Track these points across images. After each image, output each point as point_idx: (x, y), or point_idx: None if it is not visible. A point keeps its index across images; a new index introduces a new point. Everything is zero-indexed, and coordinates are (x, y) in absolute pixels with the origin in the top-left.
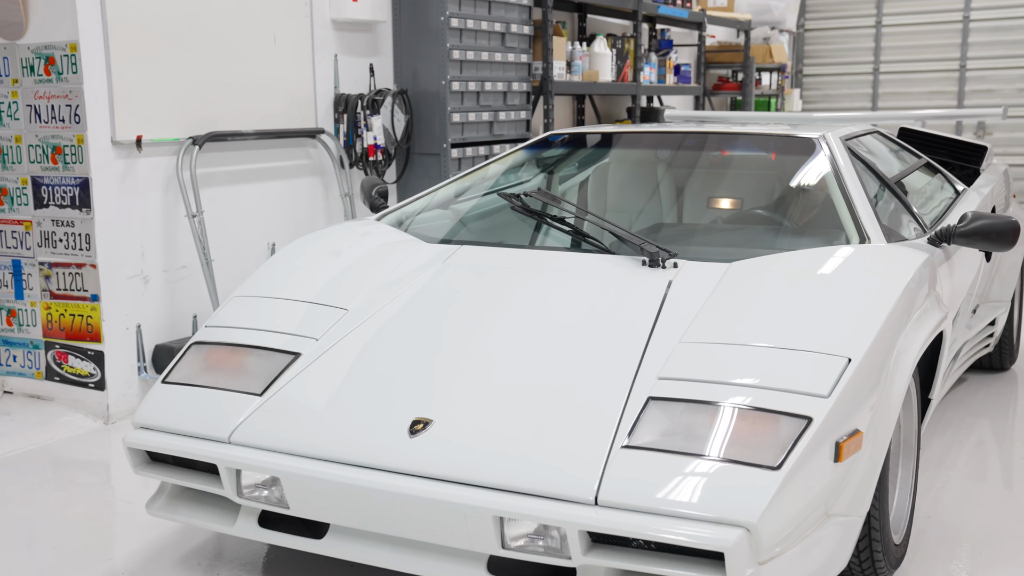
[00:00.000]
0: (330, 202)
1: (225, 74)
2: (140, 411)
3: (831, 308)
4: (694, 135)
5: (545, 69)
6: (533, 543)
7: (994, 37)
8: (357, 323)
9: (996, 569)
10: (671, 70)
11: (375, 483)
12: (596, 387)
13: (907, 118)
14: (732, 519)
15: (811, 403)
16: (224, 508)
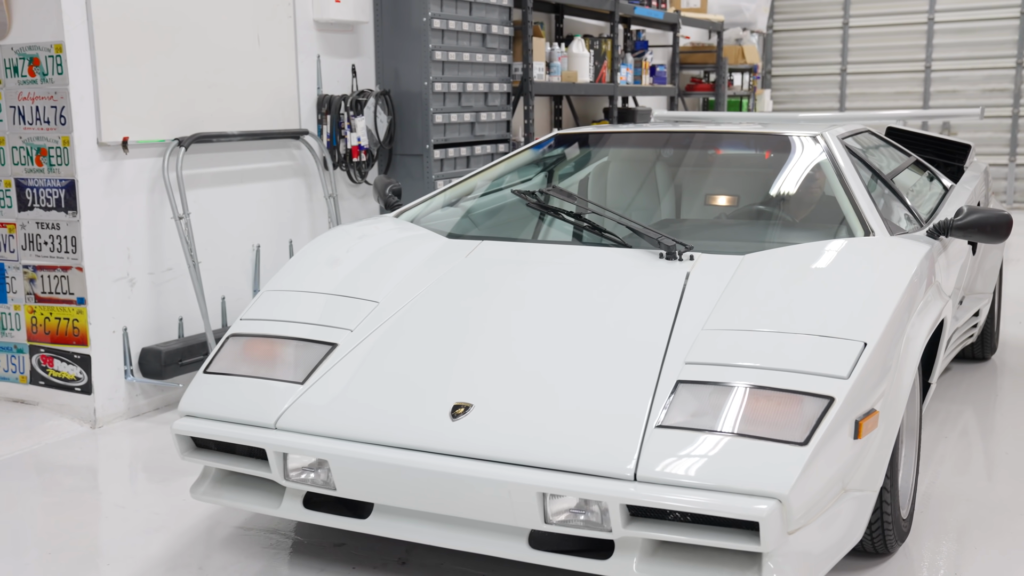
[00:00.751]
0: (313, 203)
1: (210, 75)
2: (185, 400)
3: (845, 296)
4: (697, 135)
5: (525, 70)
6: (574, 518)
7: (958, 39)
8: (389, 315)
9: (990, 543)
10: (647, 71)
11: (421, 464)
12: (626, 371)
13: (890, 118)
14: (765, 491)
15: (832, 384)
16: (268, 491)
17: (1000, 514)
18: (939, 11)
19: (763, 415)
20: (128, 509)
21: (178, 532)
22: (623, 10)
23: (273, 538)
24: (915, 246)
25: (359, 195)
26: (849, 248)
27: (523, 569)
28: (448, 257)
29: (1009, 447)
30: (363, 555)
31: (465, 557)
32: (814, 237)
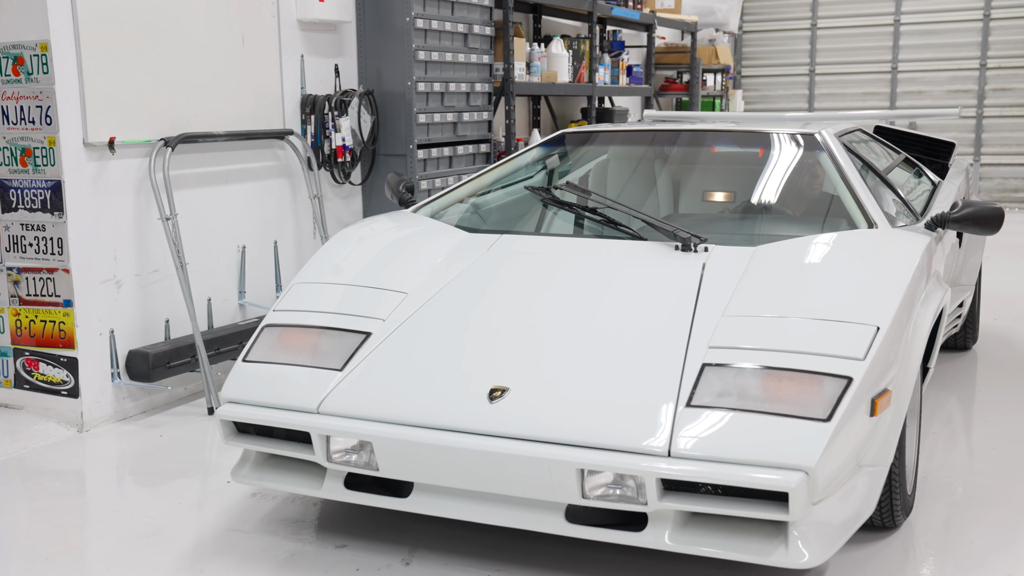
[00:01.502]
0: (298, 204)
1: (195, 75)
2: (226, 387)
3: (856, 284)
4: (699, 133)
5: (506, 70)
6: (610, 492)
7: (923, 40)
8: (418, 305)
9: (987, 517)
10: (624, 71)
11: (463, 444)
12: (653, 356)
13: (876, 118)
14: (793, 464)
15: (850, 365)
16: (309, 473)
17: (992, 492)
18: (905, 13)
19: (786, 394)
20: (123, 513)
21: (176, 536)
22: (601, 10)
23: (274, 541)
24: (917, 237)
25: (343, 195)
26: (856, 239)
27: (529, 568)
28: (470, 250)
29: (994, 430)
30: (366, 557)
31: (470, 557)
32: (819, 230)
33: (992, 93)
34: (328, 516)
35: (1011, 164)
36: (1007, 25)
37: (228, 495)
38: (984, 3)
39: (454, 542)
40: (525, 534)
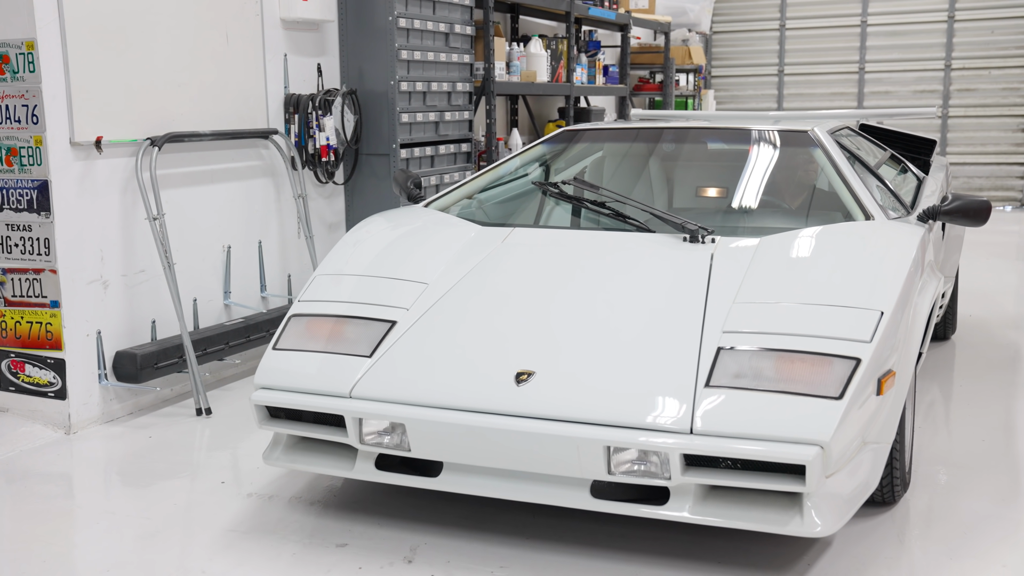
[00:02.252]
0: (282, 204)
1: (180, 73)
2: (259, 374)
3: (859, 272)
4: (695, 130)
5: (487, 69)
6: (635, 468)
7: (889, 41)
8: (439, 295)
9: (978, 493)
10: (600, 71)
11: (494, 424)
12: (670, 340)
13: (856, 116)
14: (809, 439)
15: (858, 347)
16: (339, 455)
17: (980, 471)
18: (872, 14)
19: (799, 375)
20: (118, 515)
21: (174, 537)
22: (578, 10)
23: (274, 540)
24: (913, 228)
25: (325, 195)
26: (856, 230)
27: (532, 565)
28: (485, 242)
29: (974, 415)
30: (368, 555)
31: (473, 554)
32: (818, 222)
33: (957, 93)
34: (328, 515)
35: (976, 163)
36: (971, 27)
37: (223, 495)
38: (948, 5)
39: (455, 540)
40: (527, 531)
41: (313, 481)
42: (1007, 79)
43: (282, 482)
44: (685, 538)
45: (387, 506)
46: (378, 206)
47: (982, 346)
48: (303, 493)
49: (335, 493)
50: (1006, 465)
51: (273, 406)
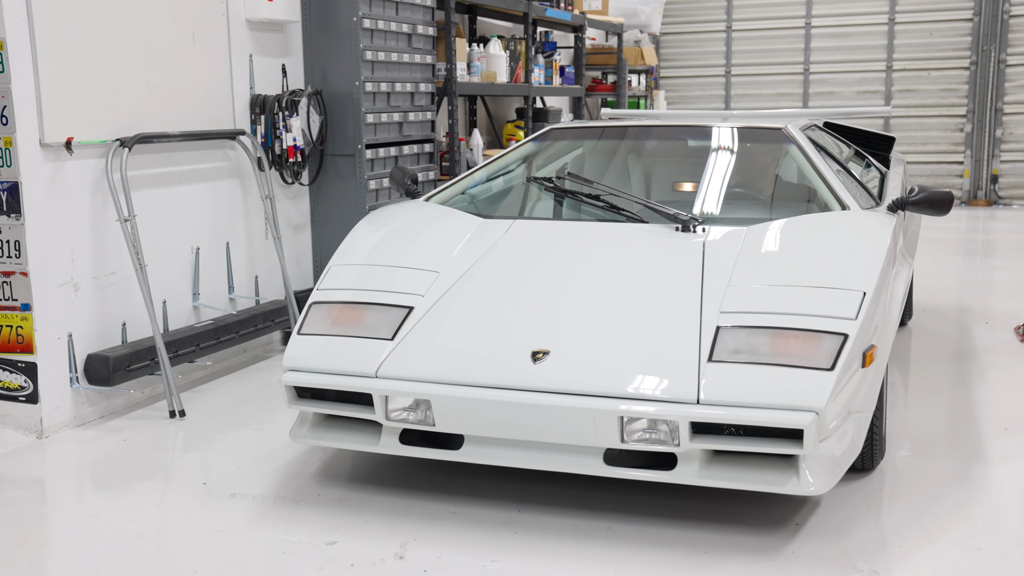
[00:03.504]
0: (248, 205)
1: (148, 74)
2: (287, 357)
3: (841, 256)
4: (672, 128)
5: (449, 70)
6: (646, 436)
7: (833, 43)
8: (451, 282)
9: (947, 458)
10: (557, 71)
11: (515, 399)
12: (672, 321)
13: (819, 115)
14: (805, 406)
15: (845, 324)
16: (364, 431)
17: (940, 442)
18: (815, 16)
19: (793, 349)
20: (102, 518)
21: (162, 538)
22: (535, 12)
23: (264, 539)
24: (886, 218)
25: (291, 196)
26: (836, 219)
27: (523, 558)
28: (489, 234)
29: (933, 393)
30: (358, 552)
31: (463, 549)
32: (797, 212)
33: (898, 94)
34: (315, 514)
35: (917, 162)
36: (910, 29)
37: (206, 497)
38: (889, 8)
39: (445, 535)
40: (514, 524)
41: (298, 481)
42: (946, 80)
43: (266, 482)
44: (676, 518)
45: (374, 503)
46: (343, 207)
47: (935, 333)
48: (289, 493)
49: (321, 492)
50: (965, 437)
51: (301, 386)
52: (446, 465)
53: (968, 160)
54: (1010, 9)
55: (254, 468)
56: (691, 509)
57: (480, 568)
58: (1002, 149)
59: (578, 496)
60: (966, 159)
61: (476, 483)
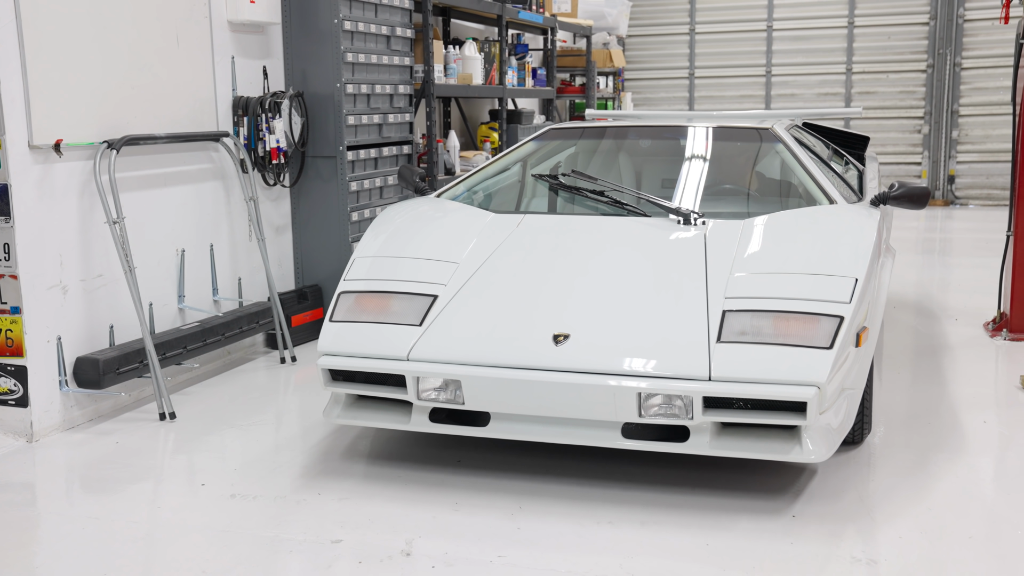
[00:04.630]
0: (232, 206)
1: (133, 76)
2: (322, 342)
3: (834, 246)
4: (665, 128)
5: (427, 72)
6: (662, 411)
7: (794, 45)
8: (471, 271)
9: (925, 433)
10: (529, 73)
11: (541, 378)
12: (681, 306)
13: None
14: (807, 381)
15: (840, 307)
16: (395, 410)
17: (926, 420)
18: (777, 19)
19: (794, 331)
20: (102, 520)
21: (168, 538)
22: (509, 14)
23: (271, 538)
24: (871, 211)
25: (272, 198)
26: (826, 212)
27: (530, 551)
28: (501, 227)
29: (912, 382)
30: (365, 549)
31: (468, 544)
32: (787, 207)
33: (858, 96)
34: (319, 512)
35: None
36: (869, 32)
37: (206, 498)
38: (848, 11)
39: (448, 530)
40: (518, 518)
41: (297, 480)
42: (904, 83)
43: (265, 482)
44: (677, 511)
45: (375, 501)
46: (325, 209)
47: (908, 329)
48: (288, 492)
49: (321, 491)
50: (940, 412)
51: (337, 369)
52: (445, 462)
53: (926, 161)
54: (964, 13)
55: (250, 469)
56: (690, 504)
57: (487, 563)
58: (958, 150)
59: (577, 492)
60: (924, 160)
61: (475, 481)
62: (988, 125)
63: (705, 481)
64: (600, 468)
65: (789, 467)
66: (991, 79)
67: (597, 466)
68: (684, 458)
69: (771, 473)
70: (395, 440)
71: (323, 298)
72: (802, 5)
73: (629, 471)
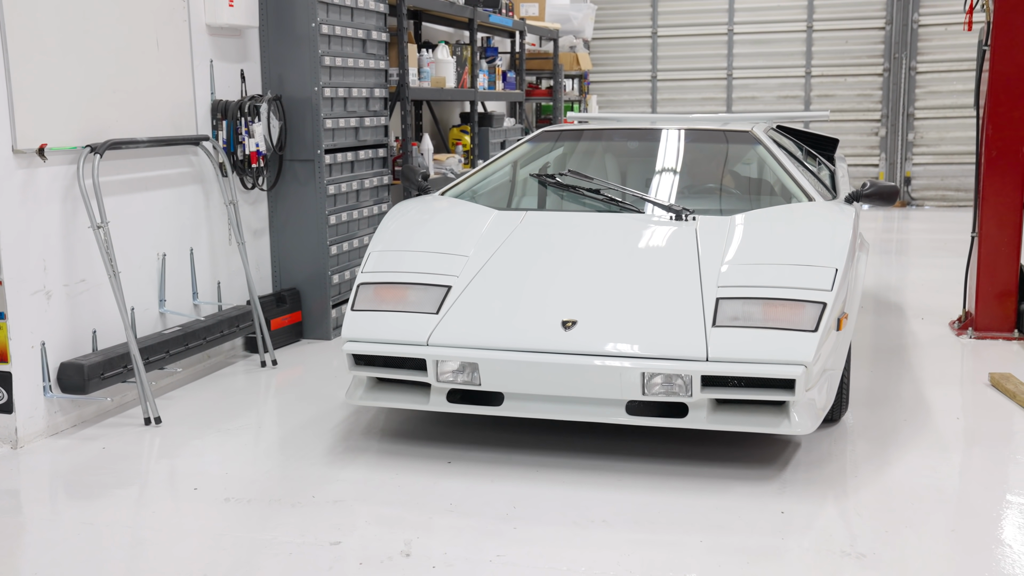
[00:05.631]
0: (211, 211)
1: (115, 80)
2: (346, 329)
3: (815, 239)
4: (654, 130)
5: (401, 75)
6: (664, 389)
7: (754, 49)
8: (481, 264)
9: (893, 411)
10: (499, 76)
11: (552, 361)
12: (678, 294)
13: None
14: (796, 360)
15: (823, 295)
16: (414, 392)
17: (896, 403)
18: (737, 23)
19: (782, 316)
20: (97, 525)
21: (168, 543)
22: (480, 18)
23: (269, 540)
24: (847, 207)
25: (250, 201)
26: (806, 208)
27: (529, 551)
28: (507, 223)
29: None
30: (365, 551)
31: (466, 544)
32: (770, 204)
33: (817, 99)
34: (314, 514)
35: None
36: (827, 36)
37: (200, 503)
38: (807, 15)
39: (445, 531)
40: (513, 519)
41: (289, 484)
42: (861, 86)
43: (257, 486)
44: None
45: (369, 503)
46: (302, 212)
47: (875, 329)
48: (283, 495)
49: (315, 494)
50: (913, 400)
51: (361, 354)
52: (435, 465)
53: (883, 163)
54: (919, 19)
55: (242, 472)
56: (685, 501)
57: (487, 562)
58: (914, 152)
59: (568, 494)
60: (881, 162)
61: (467, 482)
62: (943, 128)
63: (701, 476)
64: (590, 466)
65: (774, 443)
66: (945, 83)
67: (588, 463)
68: (677, 457)
69: (758, 447)
70: (386, 442)
71: (301, 301)
72: (762, 9)
73: (620, 470)
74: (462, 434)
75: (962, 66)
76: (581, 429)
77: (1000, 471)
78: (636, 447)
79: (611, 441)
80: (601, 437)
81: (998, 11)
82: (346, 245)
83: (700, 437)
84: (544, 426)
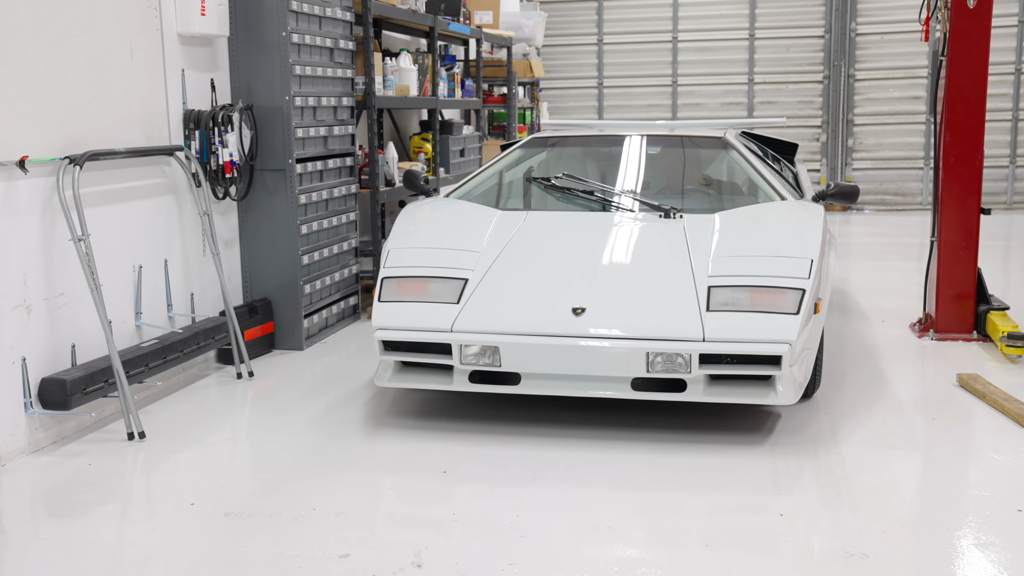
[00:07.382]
0: (184, 221)
1: (91, 90)
2: (375, 318)
3: (792, 233)
4: (641, 137)
5: (367, 84)
6: (665, 366)
7: (698, 56)
8: (492, 258)
9: (860, 390)
10: (458, 84)
11: (565, 344)
12: (673, 283)
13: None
14: (781, 339)
15: (802, 282)
16: (437, 374)
17: (862, 380)
18: (681, 31)
19: (767, 301)
20: (96, 543)
21: (174, 558)
22: (440, 26)
23: (275, 556)
24: (815, 205)
25: (221, 211)
26: (781, 206)
27: (539, 558)
28: (511, 221)
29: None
30: (375, 563)
31: (477, 555)
32: (746, 203)
33: (760, 105)
34: (322, 526)
35: None
36: (768, 44)
37: (198, 517)
38: (749, 24)
39: (453, 541)
40: (518, 528)
41: (288, 496)
42: (802, 93)
43: (256, 499)
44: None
45: (372, 515)
46: (273, 222)
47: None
48: (283, 508)
49: (316, 506)
50: (865, 374)
51: (391, 340)
52: (434, 473)
53: (824, 168)
54: (856, 27)
55: (237, 486)
56: (684, 494)
57: (500, 571)
58: (854, 158)
59: (570, 501)
60: (822, 167)
61: (465, 490)
62: (880, 134)
63: (700, 442)
64: (588, 472)
65: (758, 415)
66: (882, 90)
67: (586, 469)
68: (674, 457)
69: (743, 418)
70: (382, 451)
71: (273, 312)
72: (705, 18)
73: (614, 474)
74: (463, 435)
75: (898, 73)
76: (590, 406)
77: (968, 467)
78: (642, 420)
79: (618, 415)
80: (609, 412)
81: (954, 22)
82: (317, 255)
83: (695, 411)
84: (557, 404)
